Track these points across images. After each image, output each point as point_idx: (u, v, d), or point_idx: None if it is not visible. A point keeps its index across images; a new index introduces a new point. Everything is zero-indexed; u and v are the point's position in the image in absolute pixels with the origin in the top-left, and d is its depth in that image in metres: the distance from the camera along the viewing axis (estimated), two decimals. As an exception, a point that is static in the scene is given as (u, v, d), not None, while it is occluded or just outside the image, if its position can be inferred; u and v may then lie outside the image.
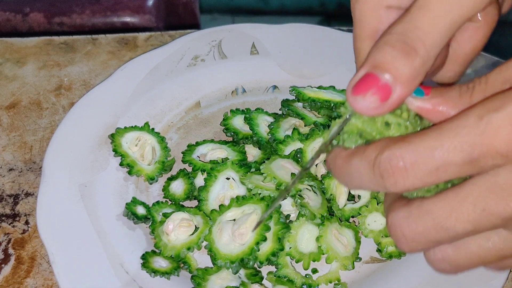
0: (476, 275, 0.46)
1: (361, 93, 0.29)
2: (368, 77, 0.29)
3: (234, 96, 0.63)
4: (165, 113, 0.61)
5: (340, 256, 0.47)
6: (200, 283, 0.46)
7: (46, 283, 0.48)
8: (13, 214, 0.53)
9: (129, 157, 0.54)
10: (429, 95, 0.30)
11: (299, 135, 0.54)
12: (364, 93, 0.29)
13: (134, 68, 0.63)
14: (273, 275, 0.47)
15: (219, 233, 0.48)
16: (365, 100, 0.29)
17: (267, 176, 0.49)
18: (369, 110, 0.29)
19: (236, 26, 0.68)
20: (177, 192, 0.53)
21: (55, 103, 0.63)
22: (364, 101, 0.29)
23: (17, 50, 0.69)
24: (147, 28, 0.91)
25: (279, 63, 0.65)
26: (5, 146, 0.59)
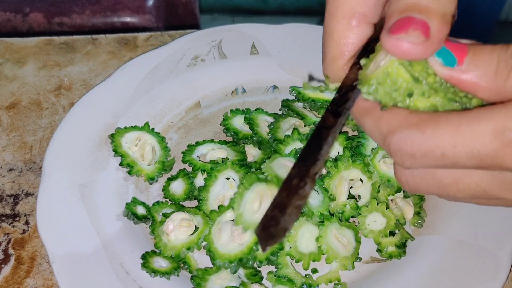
0: (476, 275, 0.46)
1: (403, 30, 0.28)
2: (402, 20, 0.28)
3: (234, 96, 0.63)
4: (165, 113, 0.61)
5: (340, 256, 0.47)
6: (200, 283, 0.46)
7: (46, 283, 0.48)
8: (13, 214, 0.53)
9: (129, 157, 0.54)
10: (462, 64, 0.29)
11: (299, 135, 0.54)
12: (406, 30, 0.28)
13: (134, 68, 0.63)
14: (273, 275, 0.47)
15: (218, 233, 0.48)
16: (409, 35, 0.28)
17: (268, 175, 0.49)
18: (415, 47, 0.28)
19: (236, 26, 0.68)
20: (177, 192, 0.53)
21: (55, 103, 0.63)
22: (408, 37, 0.28)
23: (17, 50, 0.69)
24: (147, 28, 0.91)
25: (279, 63, 0.65)
26: (5, 146, 0.59)
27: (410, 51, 0.28)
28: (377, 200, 0.50)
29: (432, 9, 0.28)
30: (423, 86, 0.29)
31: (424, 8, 0.28)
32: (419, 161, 0.28)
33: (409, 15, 0.28)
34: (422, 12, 0.28)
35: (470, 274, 0.46)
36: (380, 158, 0.51)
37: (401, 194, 0.52)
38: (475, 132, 0.27)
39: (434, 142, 0.27)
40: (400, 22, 0.28)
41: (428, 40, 0.28)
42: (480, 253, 0.48)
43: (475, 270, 0.47)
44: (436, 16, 0.28)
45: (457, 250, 0.48)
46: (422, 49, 0.28)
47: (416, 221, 0.51)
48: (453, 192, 0.30)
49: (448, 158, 0.28)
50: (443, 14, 0.28)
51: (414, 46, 0.28)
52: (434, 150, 0.28)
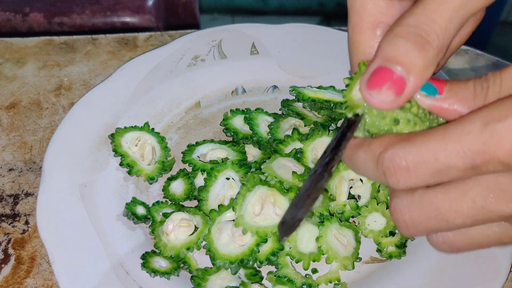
0: (476, 275, 0.46)
1: (377, 87, 0.29)
2: (382, 71, 0.29)
3: (234, 96, 0.63)
4: (165, 113, 0.61)
5: (340, 256, 0.47)
6: (200, 283, 0.46)
7: (46, 283, 0.48)
8: (13, 214, 0.53)
9: (129, 157, 0.54)
10: (442, 93, 0.30)
11: (299, 135, 0.54)
12: (380, 88, 0.29)
13: (134, 68, 0.63)
14: (273, 275, 0.47)
15: (218, 233, 0.48)
16: (381, 94, 0.29)
17: (269, 175, 0.49)
18: (384, 104, 0.29)
19: (236, 26, 0.68)
20: (177, 192, 0.53)
21: (55, 103, 0.63)
22: (380, 96, 0.29)
23: (17, 50, 0.69)
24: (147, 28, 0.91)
25: (279, 63, 0.65)
26: (5, 146, 0.59)
27: (378, 106, 0.29)
28: (377, 200, 0.50)
29: (416, 66, 0.29)
30: (408, 114, 0.31)
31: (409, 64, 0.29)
32: (413, 173, 0.28)
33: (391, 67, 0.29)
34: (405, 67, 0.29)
35: (470, 274, 0.46)
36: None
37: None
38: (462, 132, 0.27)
39: (425, 150, 0.28)
40: (379, 74, 0.29)
41: (400, 97, 0.29)
42: (480, 253, 0.48)
43: (475, 270, 0.47)
44: (417, 74, 0.29)
45: (457, 250, 0.48)
46: (390, 106, 0.29)
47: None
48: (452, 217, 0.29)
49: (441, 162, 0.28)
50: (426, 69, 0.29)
51: (384, 104, 0.29)
52: (426, 158, 0.28)
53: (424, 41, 0.29)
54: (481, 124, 0.27)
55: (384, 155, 0.29)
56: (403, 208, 0.31)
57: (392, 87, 0.29)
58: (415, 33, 0.29)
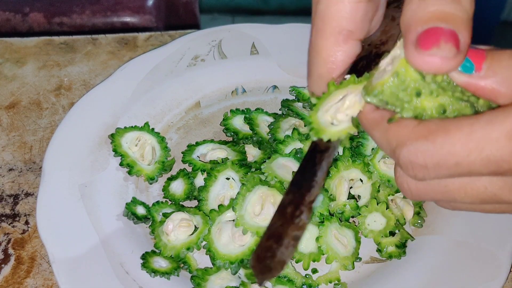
0: (477, 275, 0.46)
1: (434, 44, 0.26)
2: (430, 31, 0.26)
3: (234, 96, 0.63)
4: (165, 113, 0.61)
5: (340, 257, 0.47)
6: (199, 283, 0.46)
7: (46, 283, 0.48)
8: (13, 214, 0.53)
9: (129, 157, 0.54)
10: (480, 71, 0.28)
11: (299, 135, 0.54)
12: (437, 44, 0.26)
13: (134, 68, 0.62)
14: (273, 275, 0.47)
15: (218, 233, 0.48)
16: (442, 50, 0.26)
17: (269, 175, 0.49)
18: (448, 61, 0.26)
19: (236, 26, 0.68)
20: (177, 192, 0.53)
21: (55, 103, 0.63)
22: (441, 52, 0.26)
23: (17, 50, 0.69)
24: (147, 28, 0.91)
25: (279, 63, 0.65)
26: (5, 146, 0.59)
27: (443, 67, 0.26)
28: (377, 200, 0.50)
29: (458, 17, 0.26)
30: (431, 85, 0.28)
31: (451, 16, 0.26)
32: (432, 172, 0.27)
33: (436, 25, 0.26)
34: (449, 21, 0.26)
35: (470, 274, 0.46)
36: (380, 158, 0.51)
37: (401, 194, 0.51)
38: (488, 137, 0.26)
39: (446, 152, 0.26)
40: (427, 34, 0.26)
41: (459, 53, 0.26)
42: (480, 253, 0.48)
43: (475, 270, 0.47)
44: (463, 24, 0.26)
45: (457, 250, 0.48)
46: (454, 63, 0.26)
47: (416, 221, 0.51)
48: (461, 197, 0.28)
49: (462, 167, 0.26)
50: (467, 20, 0.27)
51: (448, 61, 0.26)
52: (447, 160, 0.26)
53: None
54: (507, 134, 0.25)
55: (400, 151, 0.27)
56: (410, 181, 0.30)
57: (449, 40, 0.26)
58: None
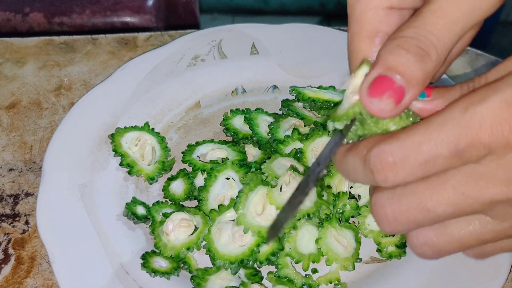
0: (476, 275, 0.46)
1: (378, 95, 0.29)
2: (383, 79, 0.30)
3: (234, 96, 0.63)
4: (165, 113, 0.61)
5: (340, 257, 0.47)
6: (200, 283, 0.46)
7: (46, 283, 0.48)
8: (13, 214, 0.53)
9: (129, 157, 0.54)
10: (430, 96, 0.31)
11: (299, 135, 0.54)
12: (380, 96, 0.29)
13: (134, 68, 0.62)
14: (273, 275, 0.47)
15: (218, 233, 0.48)
16: (381, 102, 0.30)
17: (269, 175, 0.49)
18: (383, 112, 0.30)
19: (236, 26, 0.68)
20: (177, 192, 0.53)
21: (55, 103, 0.63)
22: (380, 104, 0.30)
23: (17, 50, 0.69)
24: (147, 28, 0.91)
25: (279, 63, 0.65)
26: (5, 146, 0.59)
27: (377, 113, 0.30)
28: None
29: (415, 77, 0.29)
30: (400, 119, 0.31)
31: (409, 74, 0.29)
32: (401, 168, 0.29)
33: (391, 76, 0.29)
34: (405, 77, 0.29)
35: (470, 275, 0.46)
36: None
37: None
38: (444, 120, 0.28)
39: (410, 143, 0.29)
40: (380, 81, 0.30)
41: (398, 106, 0.30)
42: (480, 253, 0.48)
43: (475, 271, 0.47)
44: (416, 85, 0.30)
45: (457, 250, 0.48)
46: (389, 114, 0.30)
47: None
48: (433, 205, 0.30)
49: (426, 153, 0.28)
50: (424, 81, 0.30)
51: (383, 112, 0.30)
52: (411, 150, 0.28)
53: (424, 53, 0.29)
54: (462, 109, 0.28)
55: (370, 153, 0.30)
56: (384, 201, 0.31)
57: (392, 96, 0.29)
58: (415, 45, 0.30)
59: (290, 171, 0.48)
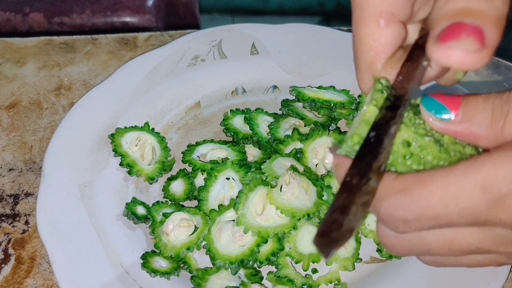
0: (476, 275, 0.46)
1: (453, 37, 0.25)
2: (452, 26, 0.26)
3: (234, 96, 0.63)
4: (165, 113, 0.61)
5: (340, 257, 0.47)
6: (200, 283, 0.46)
7: (46, 283, 0.48)
8: (13, 214, 0.53)
9: (129, 157, 0.54)
10: (457, 116, 0.28)
11: (299, 135, 0.54)
12: (457, 37, 0.25)
13: (134, 68, 0.62)
14: (273, 275, 0.47)
15: (218, 233, 0.48)
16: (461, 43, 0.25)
17: (269, 175, 0.49)
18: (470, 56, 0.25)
19: (236, 26, 0.68)
20: (177, 192, 0.53)
21: (55, 103, 0.63)
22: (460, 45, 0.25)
23: (17, 50, 0.69)
24: (147, 28, 0.91)
25: (279, 63, 0.65)
26: (5, 146, 0.59)
27: (464, 61, 0.26)
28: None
29: (485, 13, 0.26)
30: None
31: (476, 12, 0.26)
32: (413, 224, 0.27)
33: (459, 21, 0.26)
34: (474, 16, 0.26)
35: (469, 274, 0.46)
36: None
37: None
38: (463, 189, 0.26)
39: (425, 205, 0.26)
40: (449, 28, 0.26)
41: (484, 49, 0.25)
42: (480, 253, 0.48)
43: (475, 270, 0.47)
44: (490, 21, 0.26)
45: (457, 250, 0.48)
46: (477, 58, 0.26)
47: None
48: (445, 252, 0.29)
49: (441, 219, 0.26)
50: (497, 17, 0.26)
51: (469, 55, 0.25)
52: (426, 213, 0.26)
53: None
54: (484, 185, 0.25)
55: (380, 205, 0.27)
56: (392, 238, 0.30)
57: (471, 34, 0.25)
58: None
59: (290, 171, 0.48)
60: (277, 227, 0.46)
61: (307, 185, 0.48)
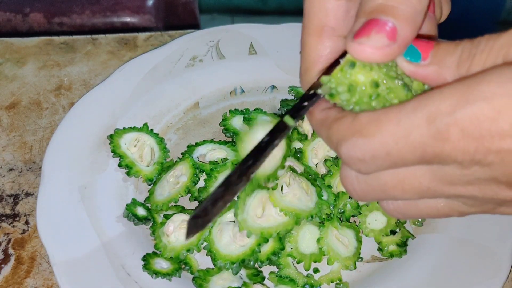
0: (477, 273, 0.46)
1: (365, 34, 0.27)
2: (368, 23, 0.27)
3: (233, 97, 0.63)
4: (164, 114, 0.61)
5: (342, 257, 0.47)
6: (201, 284, 0.46)
7: (46, 283, 0.48)
8: (13, 214, 0.53)
9: (128, 158, 0.54)
10: (426, 59, 0.29)
11: (299, 135, 0.54)
12: (368, 33, 0.27)
13: (133, 69, 0.62)
14: (275, 275, 0.47)
15: (219, 234, 0.48)
16: (371, 39, 0.27)
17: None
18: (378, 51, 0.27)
19: (234, 26, 0.68)
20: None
21: (55, 103, 0.63)
22: (370, 41, 0.27)
23: (17, 50, 0.69)
24: (147, 28, 0.91)
25: (277, 63, 0.65)
26: (5, 146, 0.59)
27: (373, 56, 0.27)
28: (377, 199, 0.50)
29: (399, 10, 0.27)
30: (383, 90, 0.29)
31: (390, 9, 0.27)
32: (371, 164, 0.28)
33: (374, 17, 0.27)
34: (387, 13, 0.27)
35: (470, 272, 0.47)
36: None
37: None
38: (412, 124, 0.26)
39: (378, 143, 0.27)
40: (364, 25, 0.27)
41: (394, 43, 0.27)
42: (481, 251, 0.48)
43: (475, 268, 0.47)
44: (404, 17, 0.27)
45: (457, 248, 0.48)
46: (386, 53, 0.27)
47: (416, 219, 0.51)
48: (399, 193, 0.29)
49: (393, 155, 0.27)
50: (411, 14, 0.27)
51: (377, 50, 0.27)
52: (380, 151, 0.27)
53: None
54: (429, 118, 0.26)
55: (340, 147, 0.29)
56: (352, 179, 0.30)
57: (381, 30, 0.27)
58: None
59: (290, 172, 0.48)
60: (279, 226, 0.46)
61: (307, 185, 0.48)
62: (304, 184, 0.48)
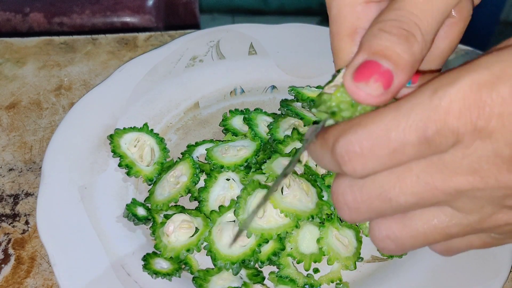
0: (477, 274, 0.46)
1: (364, 79, 0.28)
2: (368, 64, 0.28)
3: (233, 97, 0.63)
4: (164, 114, 0.61)
5: (342, 257, 0.47)
6: (201, 284, 0.46)
7: (46, 283, 0.48)
8: (13, 214, 0.53)
9: (128, 158, 0.54)
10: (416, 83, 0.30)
11: (299, 135, 0.54)
12: (367, 80, 0.28)
13: (132, 69, 0.62)
14: (275, 275, 0.47)
15: (219, 234, 0.48)
16: (368, 87, 0.28)
17: (269, 176, 0.49)
18: (371, 97, 0.28)
19: (234, 26, 0.68)
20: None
21: (55, 103, 0.63)
22: (367, 88, 0.28)
23: (17, 50, 0.69)
24: (147, 28, 0.91)
25: (278, 63, 0.65)
26: (5, 146, 0.59)
27: (366, 100, 0.28)
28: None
29: (403, 60, 0.28)
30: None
31: (396, 57, 0.28)
32: (369, 158, 0.27)
33: (377, 60, 0.28)
34: (390, 59, 0.28)
35: (470, 273, 0.46)
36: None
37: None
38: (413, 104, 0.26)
39: (378, 130, 0.27)
40: (365, 66, 0.28)
41: (387, 92, 0.28)
42: (481, 252, 0.48)
43: (475, 269, 0.47)
44: (404, 68, 0.28)
45: (457, 250, 0.48)
46: (379, 100, 0.28)
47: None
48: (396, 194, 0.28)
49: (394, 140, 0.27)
50: (411, 63, 0.28)
51: (372, 97, 0.28)
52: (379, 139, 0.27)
53: (408, 34, 0.28)
54: (431, 92, 0.26)
55: (337, 144, 0.28)
56: (344, 188, 0.30)
57: (379, 79, 0.28)
58: (398, 26, 0.28)
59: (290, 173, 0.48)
60: (280, 228, 0.46)
61: (307, 186, 0.48)
62: (304, 185, 0.48)
